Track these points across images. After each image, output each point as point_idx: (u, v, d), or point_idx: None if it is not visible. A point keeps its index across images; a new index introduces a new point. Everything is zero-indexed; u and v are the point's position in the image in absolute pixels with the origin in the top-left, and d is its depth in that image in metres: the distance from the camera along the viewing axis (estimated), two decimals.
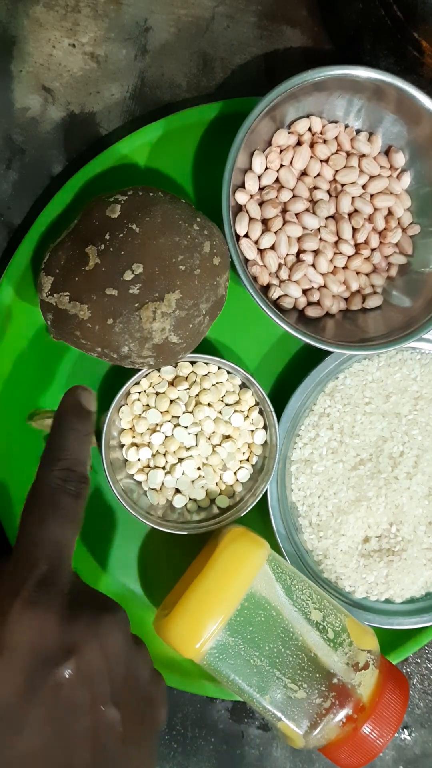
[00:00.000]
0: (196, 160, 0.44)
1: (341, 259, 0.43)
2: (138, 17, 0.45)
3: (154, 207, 0.38)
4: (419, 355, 0.45)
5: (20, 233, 0.44)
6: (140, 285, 0.36)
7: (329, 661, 0.38)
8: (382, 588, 0.44)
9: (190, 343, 0.39)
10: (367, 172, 0.43)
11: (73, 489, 0.29)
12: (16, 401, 0.43)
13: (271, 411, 0.42)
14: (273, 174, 0.42)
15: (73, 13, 0.44)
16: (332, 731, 0.37)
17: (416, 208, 0.44)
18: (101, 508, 0.44)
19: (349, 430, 0.44)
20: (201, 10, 0.45)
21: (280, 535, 0.43)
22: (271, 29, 0.46)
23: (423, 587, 0.45)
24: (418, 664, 0.49)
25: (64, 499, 0.29)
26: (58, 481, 0.29)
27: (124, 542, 0.44)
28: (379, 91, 0.41)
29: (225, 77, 0.46)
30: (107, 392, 0.42)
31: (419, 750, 0.48)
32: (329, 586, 0.44)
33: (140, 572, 0.45)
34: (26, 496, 0.30)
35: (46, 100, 0.45)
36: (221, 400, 0.43)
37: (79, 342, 0.38)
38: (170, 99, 0.45)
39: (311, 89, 0.40)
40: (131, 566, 0.44)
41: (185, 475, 0.42)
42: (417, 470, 0.44)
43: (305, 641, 0.38)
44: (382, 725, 0.37)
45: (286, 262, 0.42)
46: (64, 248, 0.38)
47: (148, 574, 0.45)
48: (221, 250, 0.39)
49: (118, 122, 0.45)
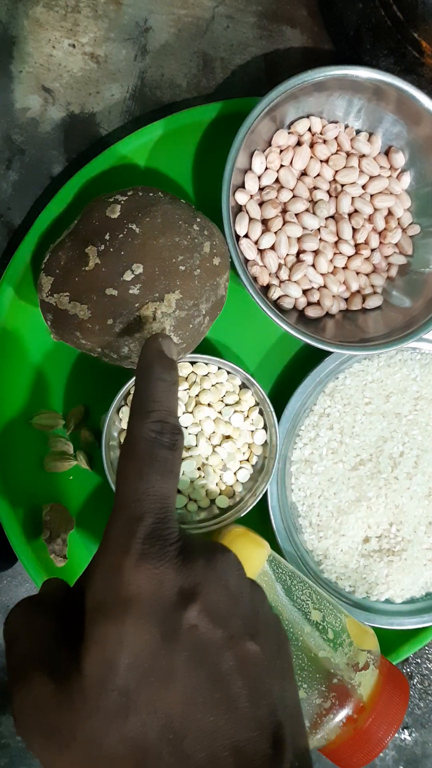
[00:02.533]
0: (196, 160, 0.44)
1: (341, 260, 0.43)
2: (138, 17, 0.45)
3: (154, 207, 0.38)
4: (419, 355, 0.45)
5: (20, 233, 0.44)
6: (140, 285, 0.36)
7: (329, 662, 0.38)
8: (382, 588, 0.44)
9: (190, 343, 0.39)
10: (367, 172, 0.43)
11: (168, 440, 0.28)
12: (17, 401, 0.44)
13: (271, 411, 0.42)
14: (273, 174, 0.42)
15: (73, 14, 0.44)
16: (332, 731, 0.37)
17: (416, 208, 0.44)
18: (102, 507, 0.44)
19: (349, 430, 0.44)
20: (201, 10, 0.45)
21: (280, 535, 0.43)
22: (271, 29, 0.46)
23: (423, 587, 0.45)
24: (418, 664, 0.49)
25: (161, 451, 0.28)
26: (153, 434, 0.28)
27: None
28: (379, 92, 0.41)
29: (225, 77, 0.46)
30: (107, 393, 0.42)
31: (419, 750, 0.48)
32: (329, 586, 0.45)
33: None
34: (120, 451, 0.29)
35: (46, 101, 0.45)
36: (221, 401, 0.43)
37: (79, 342, 0.38)
38: (170, 99, 0.45)
39: (311, 89, 0.40)
40: None
41: (185, 475, 0.42)
42: (417, 470, 0.44)
43: (305, 641, 0.38)
44: (382, 725, 0.37)
45: (286, 263, 0.42)
46: (64, 248, 0.38)
47: None
48: (221, 251, 0.39)
49: (118, 122, 0.45)
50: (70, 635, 0.25)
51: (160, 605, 0.25)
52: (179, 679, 0.24)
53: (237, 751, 0.24)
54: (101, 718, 0.23)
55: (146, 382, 0.30)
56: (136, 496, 0.27)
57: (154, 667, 0.24)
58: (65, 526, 0.43)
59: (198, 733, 0.24)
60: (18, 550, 0.43)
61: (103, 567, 0.26)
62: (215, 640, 0.25)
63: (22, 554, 0.43)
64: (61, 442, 0.44)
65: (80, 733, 0.23)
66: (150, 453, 0.28)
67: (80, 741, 0.23)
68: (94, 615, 0.25)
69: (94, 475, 0.44)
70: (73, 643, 0.25)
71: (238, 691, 0.25)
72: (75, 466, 0.44)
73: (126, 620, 0.24)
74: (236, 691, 0.25)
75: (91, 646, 0.24)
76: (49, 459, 0.44)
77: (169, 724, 0.24)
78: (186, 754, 0.23)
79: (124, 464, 0.28)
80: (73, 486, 0.44)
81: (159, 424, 0.28)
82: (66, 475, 0.44)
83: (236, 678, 0.25)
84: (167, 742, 0.23)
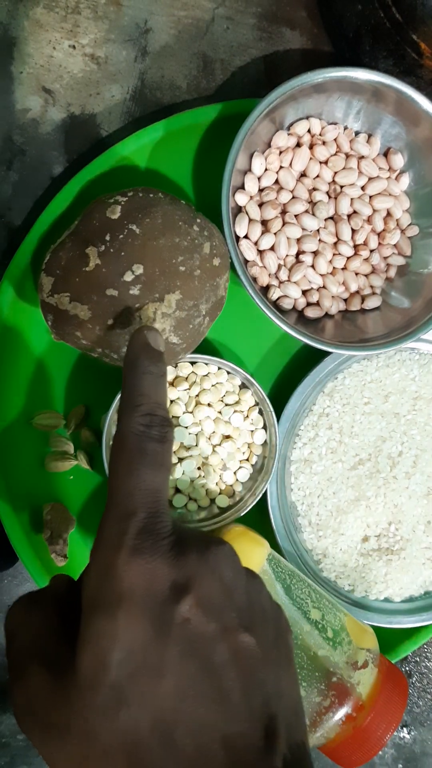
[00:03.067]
0: (196, 161, 0.44)
1: (340, 260, 0.43)
2: (138, 19, 0.45)
3: (155, 208, 0.38)
4: (418, 355, 0.45)
5: (21, 234, 0.44)
6: (140, 286, 0.37)
7: (328, 660, 0.38)
8: (381, 587, 0.45)
9: (190, 343, 0.39)
10: (366, 173, 0.43)
11: (158, 434, 0.28)
12: (17, 402, 0.44)
13: (270, 411, 0.42)
14: (272, 175, 0.42)
15: (73, 15, 0.44)
16: (332, 730, 0.37)
17: (415, 209, 0.44)
18: (102, 506, 0.44)
19: (348, 430, 0.44)
20: (201, 11, 0.45)
21: (279, 535, 0.44)
22: (270, 31, 0.46)
23: (422, 586, 0.46)
24: (417, 663, 0.49)
25: (151, 445, 0.28)
26: (142, 428, 0.28)
27: None
28: (378, 93, 0.41)
29: (225, 79, 0.46)
30: (107, 392, 0.43)
31: (418, 748, 0.49)
32: (328, 585, 0.45)
33: None
34: (111, 447, 0.29)
35: (46, 102, 0.45)
36: (221, 401, 0.43)
37: (80, 342, 0.38)
38: (170, 100, 0.46)
39: (311, 91, 0.41)
40: None
41: (185, 475, 0.42)
42: (416, 470, 0.44)
43: (304, 640, 0.38)
44: (381, 724, 0.37)
45: (286, 263, 0.43)
46: (64, 249, 0.38)
47: None
48: (221, 251, 0.39)
49: (119, 123, 0.45)
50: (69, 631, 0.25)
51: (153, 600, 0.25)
52: (171, 673, 0.24)
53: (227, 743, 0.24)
54: (94, 713, 0.23)
55: (133, 376, 0.30)
56: (127, 491, 0.27)
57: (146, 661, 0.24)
58: (66, 525, 0.43)
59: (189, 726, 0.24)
60: (19, 550, 0.43)
61: (97, 563, 0.26)
62: (208, 633, 0.25)
63: (22, 554, 0.43)
64: (61, 441, 0.44)
65: (74, 727, 0.24)
66: (139, 447, 0.28)
67: (74, 735, 0.24)
68: (89, 611, 0.25)
69: (95, 475, 0.45)
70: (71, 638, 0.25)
71: (231, 683, 0.25)
72: (75, 465, 0.44)
73: (119, 615, 0.24)
74: (228, 684, 0.25)
75: (85, 642, 0.24)
76: (49, 459, 0.44)
77: (161, 717, 0.24)
78: (176, 747, 0.24)
79: (115, 460, 0.28)
80: (74, 486, 0.44)
81: (147, 417, 0.28)
82: (66, 474, 0.44)
83: (229, 670, 0.25)
84: (158, 735, 0.24)
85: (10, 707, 0.47)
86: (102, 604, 0.25)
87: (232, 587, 0.27)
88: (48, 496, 0.44)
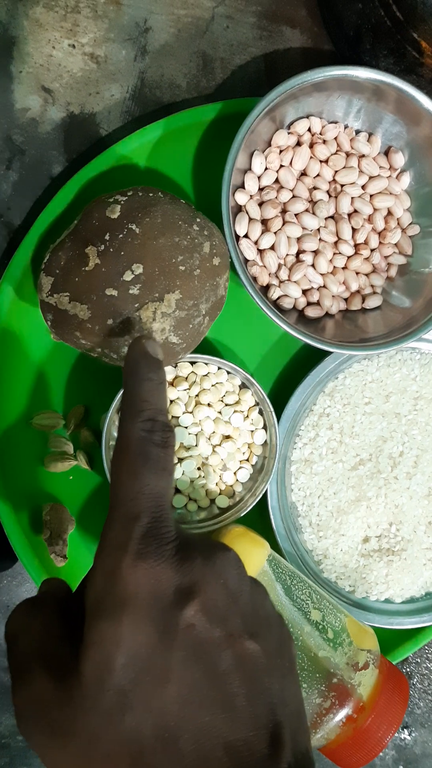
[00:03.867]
0: (196, 160, 0.44)
1: (341, 260, 0.43)
2: (138, 18, 0.45)
3: (154, 207, 0.38)
4: (419, 355, 0.45)
5: (20, 233, 0.44)
6: (140, 285, 0.36)
7: (329, 661, 0.38)
8: (382, 588, 0.45)
9: (189, 343, 0.39)
10: (366, 172, 0.43)
11: (159, 438, 0.28)
12: (17, 402, 0.44)
13: (271, 411, 0.42)
14: (273, 174, 0.42)
15: (72, 14, 0.44)
16: (332, 731, 0.37)
17: (416, 208, 0.44)
18: (102, 507, 0.44)
19: (348, 430, 0.44)
20: (201, 10, 0.45)
21: (280, 535, 0.44)
22: (270, 30, 0.46)
23: (423, 587, 0.45)
24: (417, 664, 0.49)
25: (154, 449, 0.28)
26: (144, 433, 0.28)
27: None
28: (378, 92, 0.41)
29: (225, 78, 0.46)
30: (107, 392, 0.43)
31: (419, 750, 0.48)
32: (329, 585, 0.45)
33: None
34: (113, 452, 0.29)
35: (46, 101, 0.45)
36: (221, 401, 0.43)
37: (79, 342, 0.38)
38: (170, 99, 0.45)
39: (311, 90, 0.40)
40: None
41: (185, 475, 0.42)
42: (416, 470, 0.44)
43: (305, 641, 0.38)
44: (382, 725, 0.37)
45: (286, 263, 0.42)
46: (64, 249, 0.38)
47: None
48: (221, 251, 0.39)
49: (118, 123, 0.45)
50: (71, 635, 0.25)
51: (158, 604, 0.25)
52: (175, 679, 0.24)
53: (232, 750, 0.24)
54: (98, 717, 0.23)
55: (134, 383, 0.30)
56: (131, 496, 0.27)
57: (150, 666, 0.24)
58: (65, 526, 0.43)
59: (193, 732, 0.24)
60: (18, 550, 0.43)
61: (101, 567, 0.26)
62: (213, 638, 0.25)
63: (22, 554, 0.43)
64: (61, 442, 0.44)
65: (78, 730, 0.23)
66: (142, 452, 0.28)
67: (78, 738, 0.23)
68: (93, 615, 0.25)
69: (95, 475, 0.44)
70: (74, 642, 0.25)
71: (236, 690, 0.25)
72: (75, 466, 0.44)
73: (123, 620, 0.24)
74: (233, 690, 0.25)
75: (89, 646, 0.24)
76: (49, 459, 0.44)
77: (165, 722, 0.24)
78: (180, 753, 0.23)
79: (118, 464, 0.28)
80: (74, 486, 0.44)
81: (149, 422, 0.29)
82: (66, 475, 0.44)
83: (234, 677, 0.25)
84: (162, 740, 0.23)
85: (10, 707, 0.47)
86: (106, 608, 0.25)
87: (237, 593, 0.27)
88: (47, 496, 0.44)
